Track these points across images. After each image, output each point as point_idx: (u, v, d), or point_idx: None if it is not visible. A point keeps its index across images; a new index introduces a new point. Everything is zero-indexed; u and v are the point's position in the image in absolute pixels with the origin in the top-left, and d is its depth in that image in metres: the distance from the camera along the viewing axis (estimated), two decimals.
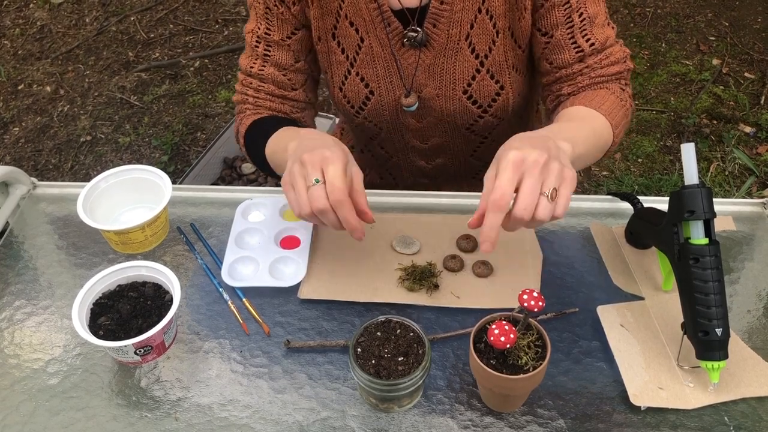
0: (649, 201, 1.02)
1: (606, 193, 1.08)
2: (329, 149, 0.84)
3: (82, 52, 3.13)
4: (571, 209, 1.07)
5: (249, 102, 1.13)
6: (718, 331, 0.77)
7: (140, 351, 0.84)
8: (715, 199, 0.83)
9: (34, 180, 1.15)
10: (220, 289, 0.96)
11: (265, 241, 1.01)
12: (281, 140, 1.01)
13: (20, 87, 2.97)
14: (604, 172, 2.42)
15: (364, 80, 1.09)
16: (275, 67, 1.10)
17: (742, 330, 0.89)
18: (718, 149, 2.45)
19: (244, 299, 0.95)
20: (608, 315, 0.90)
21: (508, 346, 0.72)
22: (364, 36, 1.05)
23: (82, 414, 0.83)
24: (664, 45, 2.93)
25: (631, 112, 1.06)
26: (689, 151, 0.80)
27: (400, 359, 0.78)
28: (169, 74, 2.98)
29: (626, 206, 1.05)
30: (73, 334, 0.92)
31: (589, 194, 1.16)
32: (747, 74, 2.77)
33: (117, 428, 0.82)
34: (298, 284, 0.95)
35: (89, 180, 1.03)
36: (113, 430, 0.82)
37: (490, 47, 1.03)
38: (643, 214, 0.95)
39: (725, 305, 0.78)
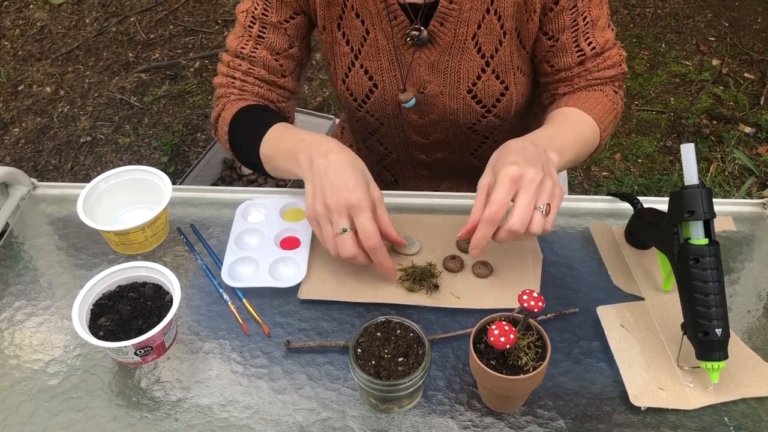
0: (649, 201, 1.02)
1: (606, 194, 1.08)
2: (353, 192, 0.86)
3: (82, 52, 3.13)
4: (571, 209, 1.07)
5: (235, 86, 1.09)
6: (718, 331, 0.77)
7: (140, 352, 0.84)
8: (715, 200, 0.83)
9: (34, 181, 1.15)
10: (220, 290, 0.96)
11: (265, 241, 1.01)
12: (282, 145, 0.99)
13: (20, 88, 2.97)
14: (604, 173, 2.42)
15: (368, 73, 1.09)
16: (268, 50, 1.07)
17: (742, 330, 0.89)
18: (718, 149, 2.45)
19: (244, 300, 0.95)
20: (608, 315, 0.90)
21: (508, 346, 0.72)
22: (369, 28, 1.05)
23: (82, 415, 0.83)
24: (664, 45, 2.93)
25: (621, 113, 1.11)
26: (689, 152, 0.80)
27: (400, 360, 0.78)
28: (169, 75, 2.98)
29: (626, 206, 1.05)
30: (73, 335, 0.92)
31: (589, 194, 1.16)
32: (747, 74, 2.77)
33: (117, 429, 0.82)
34: (298, 285, 0.95)
35: (89, 181, 1.03)
36: (113, 430, 0.82)
37: (497, 48, 1.03)
38: (643, 215, 0.95)
39: (725, 305, 0.78)
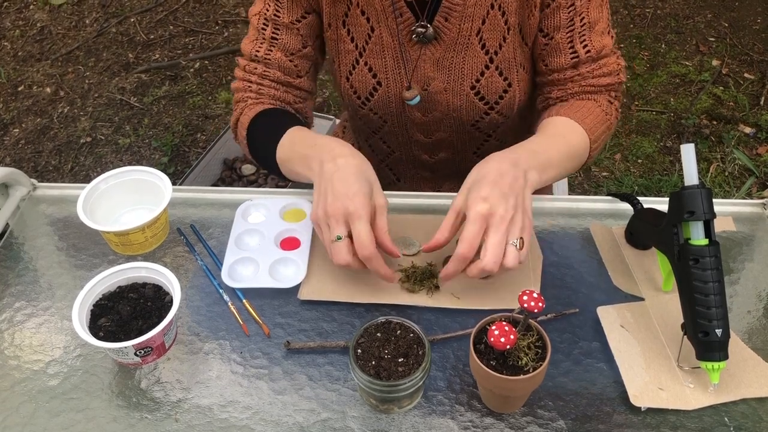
0: (649, 202, 1.02)
1: (606, 194, 1.08)
2: (352, 200, 0.86)
3: (82, 53, 3.13)
4: (571, 210, 1.07)
5: (251, 90, 1.10)
6: (718, 331, 0.77)
7: (140, 352, 0.84)
8: (715, 200, 0.83)
9: (34, 181, 1.15)
10: (220, 291, 0.96)
11: (265, 242, 1.01)
12: (296, 149, 1.00)
13: (20, 88, 2.97)
14: (604, 173, 2.42)
15: (372, 70, 1.09)
16: (282, 51, 1.08)
17: (742, 331, 0.89)
18: (718, 150, 2.45)
19: (244, 300, 0.95)
20: (608, 316, 0.90)
21: (508, 347, 0.72)
22: (374, 25, 1.05)
23: (83, 415, 0.83)
24: (663, 46, 2.93)
25: (615, 124, 1.09)
26: (689, 152, 0.80)
27: (400, 360, 0.78)
28: (169, 75, 2.98)
29: (626, 207, 1.05)
30: (73, 336, 0.92)
31: (589, 195, 1.16)
32: (747, 75, 2.77)
33: (117, 429, 0.82)
34: (298, 285, 0.95)
35: (89, 181, 1.03)
36: (113, 431, 0.82)
37: (501, 44, 1.03)
38: (643, 215, 0.95)
39: (725, 306, 0.78)
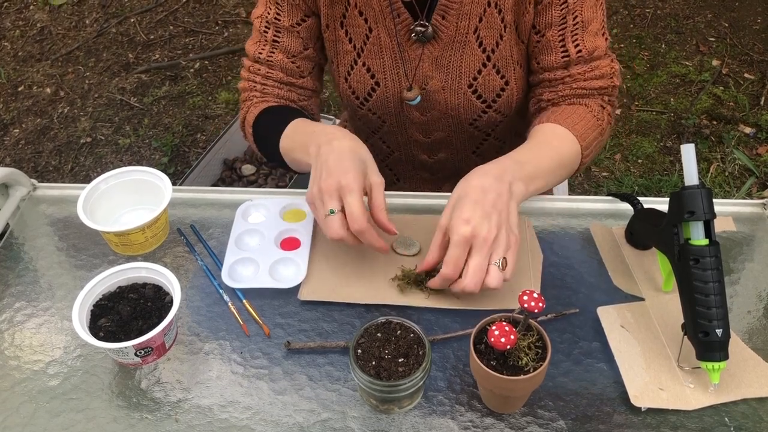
0: (649, 202, 1.02)
1: (606, 194, 1.08)
2: (345, 175, 0.87)
3: (82, 53, 3.13)
4: (571, 210, 1.07)
5: (256, 89, 1.13)
6: (719, 331, 0.77)
7: (140, 352, 0.84)
8: (715, 200, 0.83)
9: (34, 182, 1.15)
10: (221, 291, 0.96)
11: (265, 242, 1.01)
12: (297, 138, 1.03)
13: (20, 89, 2.97)
14: (604, 173, 2.42)
15: (370, 71, 1.09)
16: (284, 53, 1.10)
17: (743, 331, 0.89)
18: (718, 150, 2.45)
19: (245, 301, 0.95)
20: (608, 316, 0.90)
21: (508, 347, 0.72)
22: (372, 26, 1.05)
23: (83, 415, 0.83)
24: (663, 46, 2.94)
25: (608, 129, 1.08)
26: (689, 152, 0.80)
27: (400, 360, 0.78)
28: (169, 76, 2.98)
29: (626, 207, 1.05)
30: (73, 336, 0.92)
31: (589, 195, 1.16)
32: (747, 75, 2.77)
33: (117, 430, 0.82)
34: (298, 286, 0.95)
35: (89, 181, 1.03)
36: (113, 431, 0.82)
37: (497, 42, 1.03)
38: (643, 215, 0.95)
39: (725, 306, 0.78)
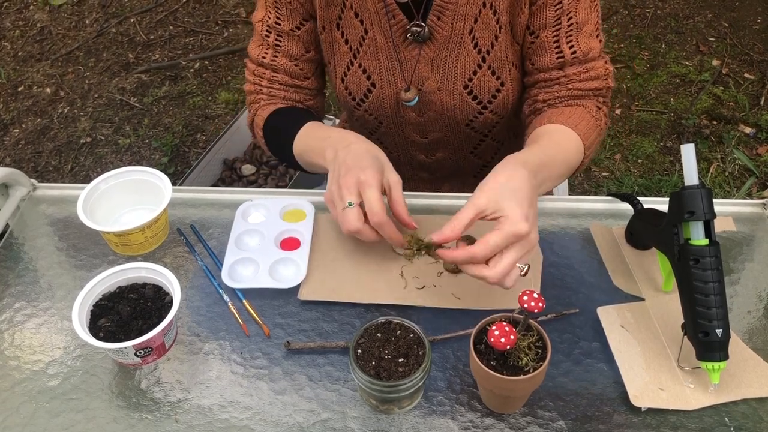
0: (649, 202, 1.02)
1: (606, 194, 1.08)
2: (364, 171, 0.89)
3: (82, 53, 3.13)
4: (571, 210, 1.07)
5: (263, 93, 1.15)
6: (719, 331, 0.77)
7: (140, 352, 0.84)
8: (715, 200, 0.83)
9: (34, 182, 1.15)
10: (220, 291, 0.96)
11: (265, 242, 1.01)
12: (311, 141, 1.05)
13: (20, 89, 2.97)
14: (604, 173, 2.42)
15: (366, 72, 1.09)
16: (287, 57, 1.12)
17: (743, 331, 0.89)
18: (718, 150, 2.45)
19: (244, 301, 0.95)
20: (608, 316, 0.89)
21: (508, 347, 0.72)
22: (368, 28, 1.05)
23: (83, 416, 0.83)
24: (663, 46, 2.93)
25: (605, 131, 1.09)
26: (689, 152, 0.80)
27: (400, 360, 0.78)
28: (169, 76, 2.98)
29: (626, 207, 1.05)
30: (73, 336, 0.92)
31: (589, 195, 1.16)
32: (747, 75, 2.77)
33: (117, 430, 0.82)
34: (298, 286, 0.95)
35: (89, 181, 1.03)
36: (113, 431, 0.82)
37: (493, 43, 1.03)
38: (643, 215, 0.95)
39: (725, 306, 0.78)
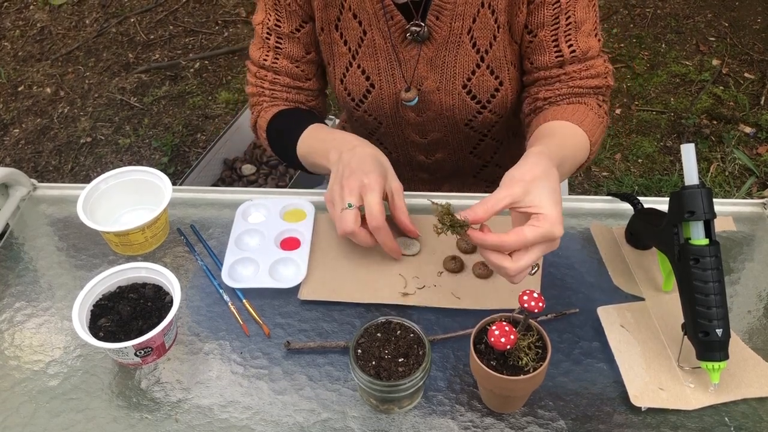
0: (649, 201, 1.02)
1: (606, 194, 1.08)
2: (367, 175, 0.91)
3: (82, 53, 3.13)
4: (572, 209, 1.07)
5: (265, 95, 1.16)
6: (719, 331, 0.77)
7: (140, 352, 0.84)
8: (715, 200, 0.83)
9: (34, 181, 1.15)
10: (221, 291, 0.96)
11: (265, 242, 1.01)
12: (315, 143, 1.06)
13: (20, 88, 2.97)
14: (604, 173, 2.42)
15: (365, 73, 1.10)
16: (288, 59, 1.12)
17: (743, 330, 0.89)
18: (718, 150, 2.45)
19: (245, 300, 0.95)
20: (608, 316, 0.89)
21: (508, 347, 0.72)
22: (366, 29, 1.06)
23: (83, 415, 0.83)
24: (663, 45, 2.93)
25: (607, 128, 1.09)
26: (689, 152, 0.80)
27: (400, 360, 0.78)
28: (169, 75, 2.98)
29: (626, 207, 1.05)
30: (73, 336, 0.92)
31: (589, 194, 1.16)
32: (747, 75, 2.77)
33: (117, 430, 0.82)
34: (298, 285, 0.95)
35: (89, 181, 1.03)
36: (113, 431, 0.82)
37: (491, 42, 1.04)
38: (643, 215, 0.95)
39: (725, 306, 0.78)
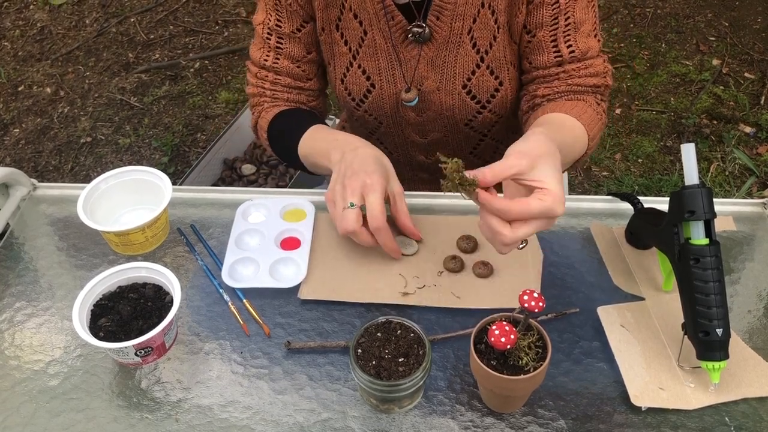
0: (649, 201, 1.02)
1: (606, 194, 1.08)
2: (369, 176, 0.92)
3: (82, 53, 3.13)
4: (572, 209, 1.07)
5: (266, 95, 1.16)
6: (719, 331, 0.77)
7: (141, 352, 0.84)
8: (715, 200, 0.83)
9: (35, 181, 1.15)
10: (221, 291, 0.96)
11: (266, 242, 1.01)
12: (317, 144, 1.06)
13: (20, 88, 2.97)
14: (604, 173, 2.42)
15: (365, 73, 1.10)
16: (289, 59, 1.12)
17: (743, 330, 0.89)
18: (718, 149, 2.45)
19: (245, 300, 0.95)
20: (609, 315, 0.90)
21: (508, 346, 0.72)
22: (367, 29, 1.06)
23: (83, 415, 0.83)
24: (664, 45, 2.93)
25: (605, 126, 1.09)
26: (689, 152, 0.80)
27: (400, 360, 0.78)
28: (169, 75, 2.98)
29: (626, 206, 1.05)
30: (73, 336, 0.92)
31: (589, 194, 1.16)
32: (747, 74, 2.77)
33: (117, 429, 0.82)
34: (299, 285, 0.95)
35: (89, 181, 1.03)
36: (114, 431, 0.82)
37: (491, 43, 1.04)
38: (643, 215, 0.95)
39: (726, 305, 0.78)
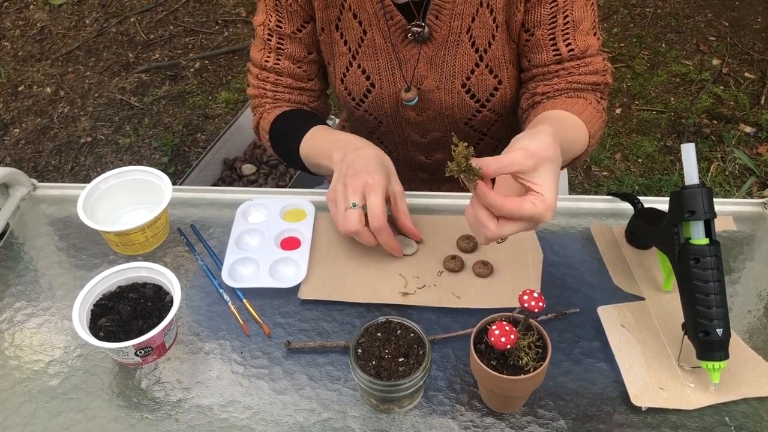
0: (649, 201, 1.02)
1: (606, 194, 1.08)
2: (371, 175, 0.92)
3: (83, 53, 3.13)
4: (572, 209, 1.07)
5: (267, 96, 1.16)
6: (719, 331, 0.77)
7: (141, 352, 0.84)
8: (715, 199, 0.83)
9: (35, 181, 1.15)
10: (221, 290, 0.96)
11: (266, 242, 1.01)
12: (318, 144, 1.06)
13: (20, 88, 2.97)
14: (605, 173, 2.42)
15: (365, 72, 1.10)
16: (290, 60, 1.12)
17: (743, 330, 0.89)
18: (719, 149, 2.45)
19: (245, 300, 0.95)
20: (609, 315, 0.90)
21: (508, 346, 0.72)
22: (367, 28, 1.06)
23: (83, 415, 0.83)
24: (664, 45, 2.93)
25: (605, 124, 1.09)
26: (689, 151, 0.80)
27: (400, 360, 0.78)
28: (169, 75, 2.98)
29: (627, 206, 1.05)
30: (73, 336, 0.92)
31: (589, 194, 1.16)
32: (747, 74, 2.76)
33: (117, 429, 0.82)
34: (299, 285, 0.95)
35: (89, 181, 1.03)
36: (114, 431, 0.82)
37: (490, 42, 1.04)
38: (643, 215, 0.95)
39: (726, 305, 0.78)
